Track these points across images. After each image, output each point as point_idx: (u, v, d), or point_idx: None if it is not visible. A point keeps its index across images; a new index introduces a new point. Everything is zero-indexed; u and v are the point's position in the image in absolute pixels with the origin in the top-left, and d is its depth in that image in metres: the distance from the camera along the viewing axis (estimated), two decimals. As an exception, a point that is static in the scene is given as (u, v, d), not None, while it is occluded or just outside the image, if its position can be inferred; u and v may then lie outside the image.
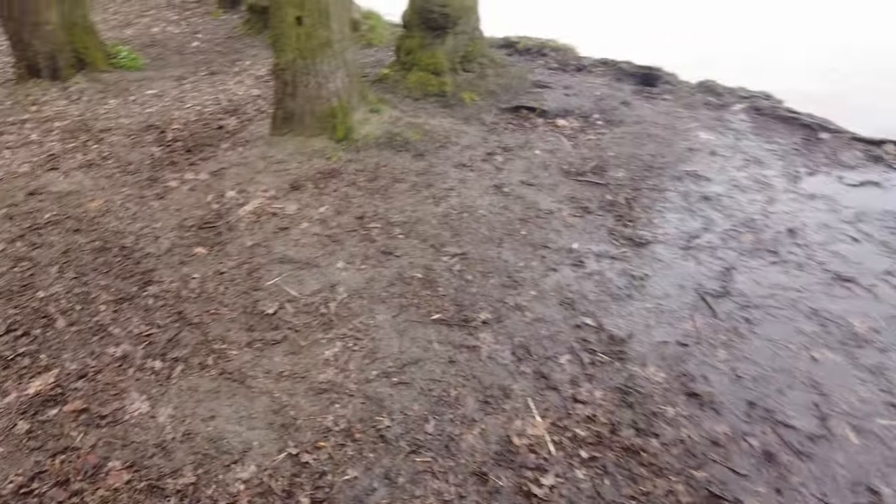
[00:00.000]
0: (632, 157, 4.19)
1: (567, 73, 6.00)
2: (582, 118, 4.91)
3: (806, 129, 4.77)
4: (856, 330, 2.74)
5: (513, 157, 4.22)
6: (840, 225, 3.53)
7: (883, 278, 3.08)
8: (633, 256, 3.20)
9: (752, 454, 2.18)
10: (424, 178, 3.93)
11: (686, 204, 3.68)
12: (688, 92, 5.47)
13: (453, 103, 4.98)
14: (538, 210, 3.59)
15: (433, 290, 2.95)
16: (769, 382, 2.47)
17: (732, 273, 3.08)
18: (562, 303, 2.87)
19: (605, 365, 2.53)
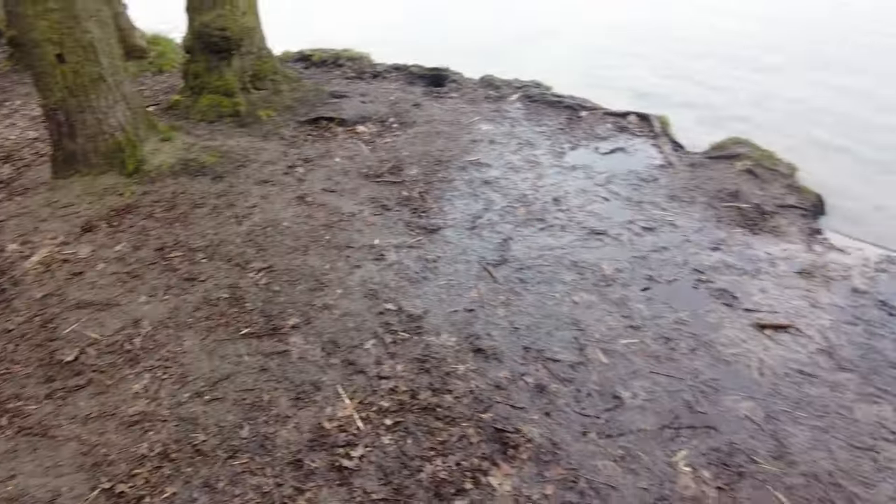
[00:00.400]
0: (424, 155, 4.60)
1: (364, 80, 6.30)
2: (379, 123, 5.23)
3: (569, 109, 5.53)
4: (605, 273, 3.34)
5: (314, 168, 4.41)
6: (595, 188, 4.21)
7: (626, 227, 3.77)
8: (427, 243, 3.57)
9: (528, 389, 2.62)
10: (225, 200, 3.98)
11: (470, 190, 4.14)
12: (472, 88, 6.05)
13: (250, 122, 5.04)
14: (341, 214, 3.83)
15: (241, 306, 3.06)
16: (540, 328, 2.95)
17: (509, 243, 3.57)
18: (366, 295, 3.14)
19: (406, 341, 2.84)
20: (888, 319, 3.08)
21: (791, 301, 3.17)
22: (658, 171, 4.45)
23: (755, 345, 2.87)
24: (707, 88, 6.64)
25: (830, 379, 2.69)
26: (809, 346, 2.88)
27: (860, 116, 5.86)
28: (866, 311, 3.14)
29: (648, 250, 3.53)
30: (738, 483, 2.21)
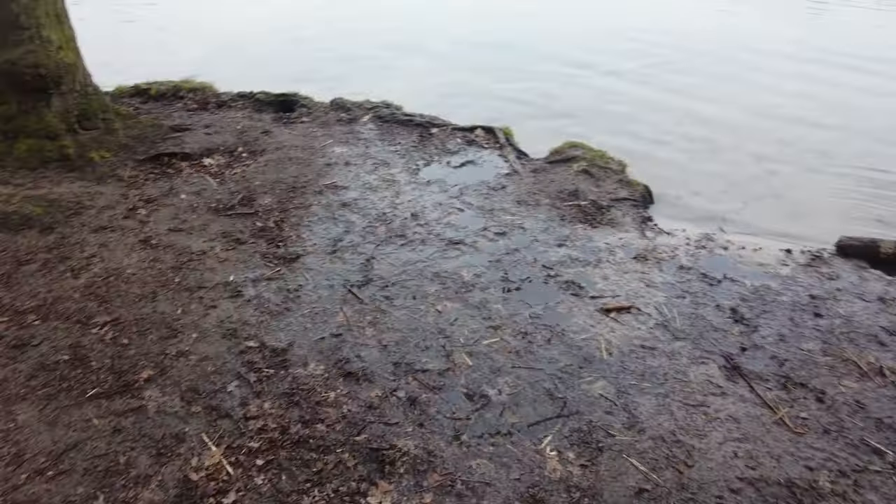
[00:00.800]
0: (276, 183, 4.51)
1: (208, 111, 6.06)
2: (227, 154, 5.05)
3: (420, 127, 5.71)
4: (465, 279, 3.49)
5: (158, 208, 4.16)
6: (449, 201, 4.38)
7: (481, 234, 3.96)
8: (286, 273, 3.50)
9: (400, 404, 2.66)
10: (58, 253, 3.63)
11: (329, 213, 4.13)
12: (322, 111, 6.04)
13: (81, 165, 4.63)
14: (190, 254, 3.64)
15: (85, 367, 2.80)
16: (408, 342, 3.01)
17: (372, 263, 3.61)
18: (224, 335, 3.02)
19: (271, 378, 2.77)
20: (709, 289, 3.52)
21: (630, 284, 3.52)
22: (505, 179, 4.73)
23: (602, 328, 3.14)
24: (544, 97, 7.18)
25: (668, 349, 3.02)
26: (648, 322, 3.21)
27: (678, 115, 6.65)
28: (692, 284, 3.56)
29: (502, 254, 3.74)
30: (598, 458, 2.41)
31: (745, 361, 2.95)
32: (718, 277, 3.63)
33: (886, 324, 3.28)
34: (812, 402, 2.72)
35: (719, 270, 3.72)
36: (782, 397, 2.73)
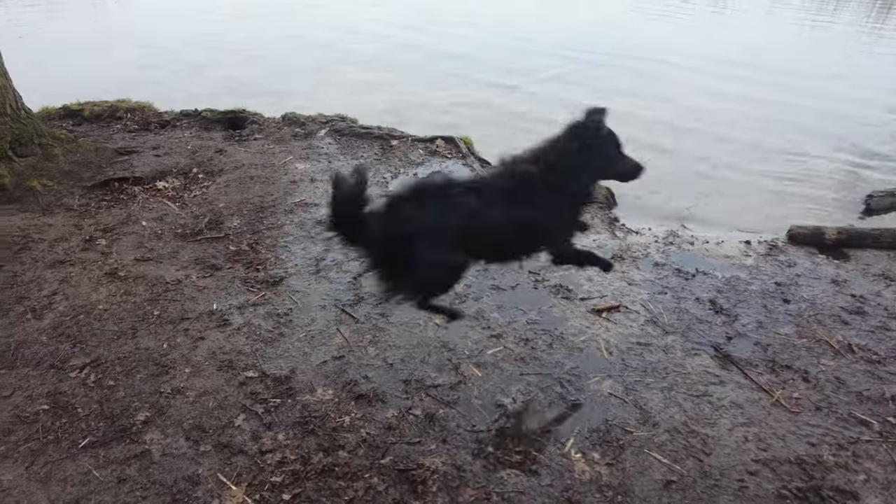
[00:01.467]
0: (242, 203, 4.34)
1: (151, 132, 5.76)
2: (182, 176, 4.82)
3: (380, 139, 5.67)
4: (457, 290, 3.49)
5: (118, 237, 3.90)
6: (424, 212, 4.35)
7: (462, 244, 3.97)
8: (272, 297, 3.37)
9: (418, 422, 2.62)
10: (13, 293, 3.33)
11: (304, 232, 4.02)
12: (275, 127, 5.87)
13: (21, 195, 4.28)
14: (165, 284, 3.44)
15: (71, 414, 2.59)
16: (414, 358, 2.97)
17: (360, 280, 3.54)
18: (220, 367, 2.87)
19: (280, 407, 2.66)
20: (685, 283, 3.70)
21: (613, 284, 3.64)
22: (475, 186, 4.76)
23: (598, 328, 3.23)
24: (485, 105, 7.31)
25: (661, 343, 3.14)
26: (638, 319, 3.33)
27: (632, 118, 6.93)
28: (669, 279, 3.72)
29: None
30: (622, 455, 2.48)
31: (734, 350, 3.12)
32: (692, 272, 3.82)
33: (844, 304, 3.56)
34: (800, 381, 2.91)
35: (691, 265, 3.91)
36: (773, 380, 2.91)
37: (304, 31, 11.35)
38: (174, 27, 11.49)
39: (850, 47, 12.19)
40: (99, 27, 11.55)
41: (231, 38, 10.69)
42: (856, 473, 2.42)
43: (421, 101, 7.41)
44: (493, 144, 5.81)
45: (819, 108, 7.64)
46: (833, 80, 9.12)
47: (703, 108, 7.50)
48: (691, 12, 15.59)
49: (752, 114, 7.39)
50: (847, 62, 10.65)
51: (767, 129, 6.85)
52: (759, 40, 12.08)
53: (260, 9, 13.64)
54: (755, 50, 10.90)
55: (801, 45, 12.28)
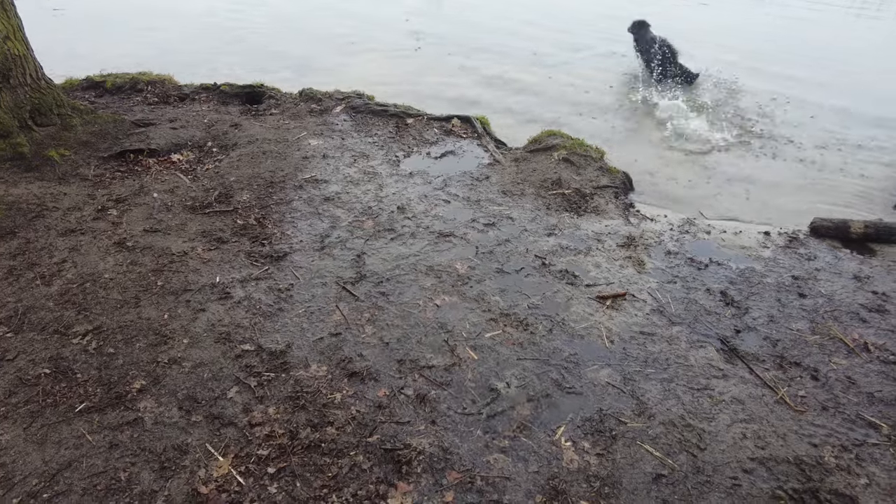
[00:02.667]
0: (253, 178, 4.35)
1: (170, 105, 5.79)
2: (196, 149, 4.84)
3: (395, 117, 5.61)
4: (460, 272, 3.45)
5: (129, 207, 3.94)
6: (435, 193, 4.31)
7: (470, 226, 3.92)
8: (275, 272, 3.38)
9: (409, 402, 2.60)
10: (24, 259, 3.40)
11: (312, 209, 4.01)
12: (292, 102, 5.86)
13: (39, 164, 4.35)
14: (171, 255, 3.47)
15: (70, 380, 2.64)
16: (410, 338, 2.95)
17: (363, 258, 3.52)
18: (218, 339, 2.89)
19: (273, 381, 2.67)
20: (697, 273, 3.59)
21: (622, 271, 3.55)
22: (488, 169, 4.70)
23: (601, 316, 3.16)
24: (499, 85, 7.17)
25: (666, 334, 3.06)
26: (644, 308, 3.24)
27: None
28: (680, 269, 3.62)
29: (493, 245, 3.71)
30: (613, 446, 2.42)
31: (741, 343, 3.02)
32: (705, 262, 3.71)
33: (864, 301, 3.42)
34: (808, 380, 2.80)
35: (705, 254, 3.80)
36: (780, 377, 2.81)
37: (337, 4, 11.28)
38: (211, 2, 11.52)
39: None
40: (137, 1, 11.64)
41: (263, 11, 10.68)
42: (857, 477, 2.33)
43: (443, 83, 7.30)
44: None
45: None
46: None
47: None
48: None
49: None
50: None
51: (815, 117, 6.57)
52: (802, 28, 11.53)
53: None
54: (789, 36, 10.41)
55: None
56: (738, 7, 13.45)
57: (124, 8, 10.77)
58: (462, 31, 9.74)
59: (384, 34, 9.42)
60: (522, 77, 7.45)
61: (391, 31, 9.64)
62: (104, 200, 4.01)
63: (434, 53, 8.39)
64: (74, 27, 9.27)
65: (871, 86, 7.82)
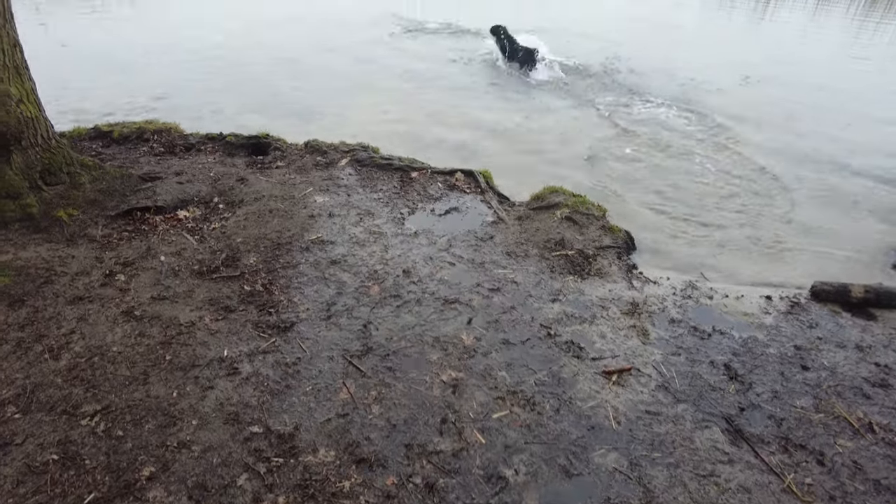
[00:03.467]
0: (260, 239, 4.39)
1: (176, 156, 5.86)
2: (203, 205, 4.89)
3: (400, 171, 5.68)
4: (466, 344, 3.47)
5: (137, 272, 3.97)
6: (439, 254, 4.36)
7: (475, 291, 3.95)
8: (282, 344, 3.40)
9: (418, 491, 2.61)
10: (32, 330, 3.41)
11: (318, 273, 4.04)
12: (298, 155, 5.93)
13: (47, 225, 4.39)
14: (179, 326, 3.49)
15: (78, 466, 2.64)
16: (417, 419, 2.96)
17: (370, 328, 3.55)
18: (227, 420, 2.89)
19: (282, 467, 2.67)
20: (701, 343, 3.62)
21: (626, 342, 3.58)
22: (491, 227, 4.75)
23: (607, 393, 3.18)
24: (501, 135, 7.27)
25: (671, 413, 3.08)
26: (650, 384, 3.27)
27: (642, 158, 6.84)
28: (684, 339, 3.65)
29: (499, 313, 3.75)
30: (622, 541, 2.43)
31: (746, 423, 3.04)
32: (708, 330, 3.74)
33: (867, 374, 3.45)
34: (814, 464, 2.82)
35: (708, 322, 3.83)
36: (786, 462, 2.82)
37: (340, 44, 11.47)
38: (215, 37, 11.71)
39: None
40: (140, 37, 11.82)
41: (266, 49, 10.86)
42: (867, 576, 2.33)
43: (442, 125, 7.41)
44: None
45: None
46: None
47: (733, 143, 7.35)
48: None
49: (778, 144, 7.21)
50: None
51: (800, 161, 6.67)
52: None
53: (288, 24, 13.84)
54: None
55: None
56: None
57: (126, 44, 10.94)
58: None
59: (383, 75, 9.58)
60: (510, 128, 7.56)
61: (389, 73, 9.81)
62: (112, 264, 4.04)
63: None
64: (81, 64, 9.40)
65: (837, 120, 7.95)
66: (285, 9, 15.46)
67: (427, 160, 5.98)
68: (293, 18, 14.32)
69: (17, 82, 4.40)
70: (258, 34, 12.38)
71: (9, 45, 4.27)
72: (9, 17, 4.29)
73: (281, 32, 12.64)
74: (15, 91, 4.37)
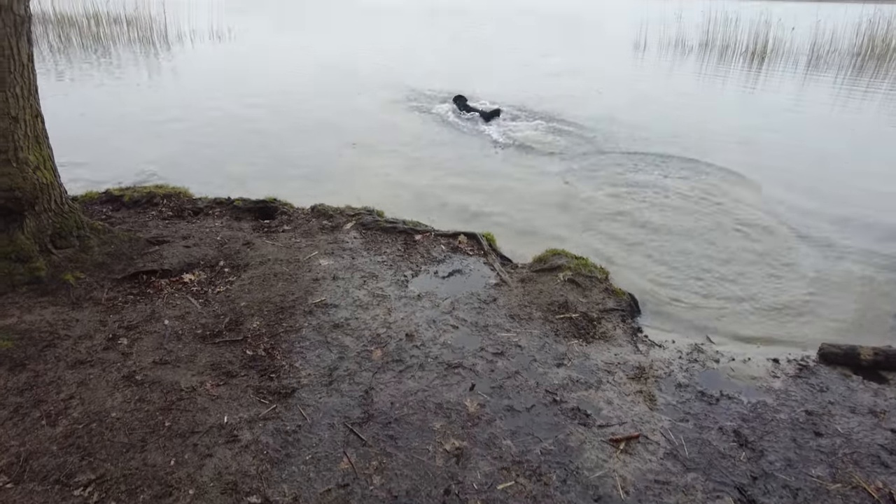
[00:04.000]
0: (264, 303, 4.40)
1: (184, 220, 5.96)
2: (208, 269, 4.93)
3: (404, 234, 5.75)
4: (470, 411, 3.41)
5: (140, 336, 3.97)
6: (443, 317, 4.35)
7: (479, 356, 3.92)
8: (283, 410, 3.35)
9: (419, 568, 2.50)
10: (31, 395, 3.38)
11: (321, 337, 4.03)
12: (304, 219, 6.03)
13: (54, 288, 4.43)
14: (180, 391, 3.46)
15: (68, 540, 2.56)
16: (419, 491, 2.87)
17: (371, 394, 3.50)
18: (224, 490, 2.82)
19: (279, 542, 2.58)
20: (709, 409, 3.54)
21: (633, 408, 3.51)
22: (495, 290, 4.76)
23: (615, 462, 3.09)
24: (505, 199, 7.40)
25: (681, 482, 2.98)
26: (658, 451, 3.18)
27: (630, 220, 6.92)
28: (692, 404, 3.58)
29: (503, 378, 3.70)
30: None
31: (759, 493, 2.93)
32: (716, 395, 3.67)
33: (884, 441, 3.35)
34: (833, 539, 2.70)
35: (715, 387, 3.77)
36: (804, 536, 2.71)
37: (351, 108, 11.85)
38: (227, 104, 12.14)
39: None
40: (156, 102, 12.28)
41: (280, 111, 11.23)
42: None
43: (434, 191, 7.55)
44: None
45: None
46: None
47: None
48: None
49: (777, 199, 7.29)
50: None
51: (800, 221, 6.72)
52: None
53: (295, 92, 14.37)
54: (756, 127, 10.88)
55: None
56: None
57: (142, 111, 11.34)
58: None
59: (393, 137, 9.85)
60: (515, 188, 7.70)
61: (399, 133, 10.09)
62: (115, 327, 4.04)
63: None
64: (98, 130, 9.72)
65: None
66: (302, 80, 16.12)
67: (431, 222, 6.07)
68: (309, 93, 14.88)
69: (36, 150, 4.55)
70: (265, 102, 12.84)
71: (31, 116, 4.44)
72: (33, 91, 4.48)
73: (290, 100, 13.11)
74: (33, 158, 4.51)
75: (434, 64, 19.82)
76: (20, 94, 4.32)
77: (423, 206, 6.93)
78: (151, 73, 16.21)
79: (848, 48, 23.80)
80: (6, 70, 4.20)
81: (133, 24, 24.68)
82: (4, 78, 4.20)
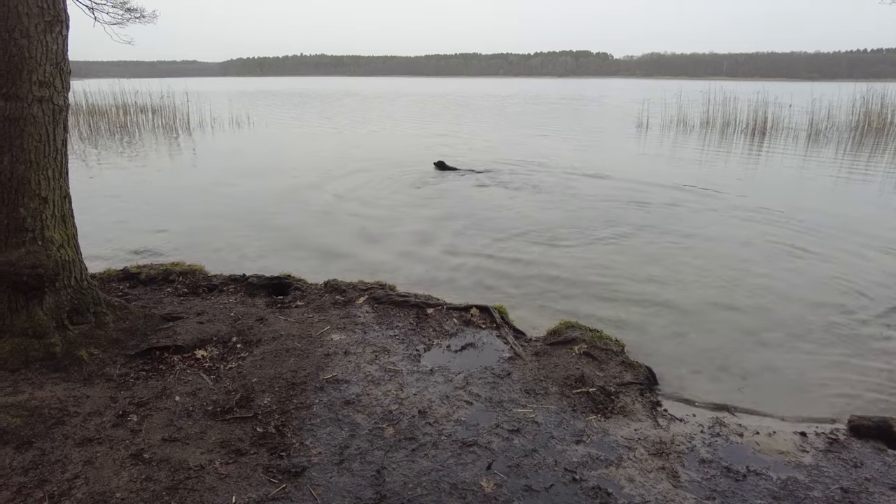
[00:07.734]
0: (275, 379, 4.36)
1: (199, 296, 6.02)
2: (221, 345, 4.93)
3: (416, 308, 5.74)
4: (486, 492, 3.27)
5: (150, 413, 3.92)
6: (456, 392, 4.26)
7: (494, 433, 3.80)
8: (292, 490, 3.23)
9: None
10: (36, 474, 3.31)
11: (332, 414, 3.95)
12: (317, 294, 6.06)
13: (67, 364, 4.43)
14: (188, 470, 3.37)
15: None
16: (434, 576, 2.72)
17: (383, 474, 3.38)
18: (228, 577, 2.69)
19: None
20: (736, 486, 3.38)
21: (656, 486, 3.35)
22: (509, 364, 4.69)
23: (640, 545, 2.92)
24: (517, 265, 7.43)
25: (712, 568, 2.80)
26: (685, 534, 3.01)
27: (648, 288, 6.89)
28: (718, 481, 3.41)
29: (520, 456, 3.57)
30: None
31: (798, 580, 2.74)
32: (743, 471, 3.51)
33: (927, 521, 3.15)
34: None
35: (741, 462, 3.61)
36: None
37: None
38: (257, 184, 12.54)
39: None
40: (176, 184, 12.72)
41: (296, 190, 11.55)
42: None
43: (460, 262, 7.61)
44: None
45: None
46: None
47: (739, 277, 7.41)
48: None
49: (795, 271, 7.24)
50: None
51: (817, 293, 6.64)
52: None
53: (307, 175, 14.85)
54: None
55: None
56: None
57: (163, 191, 11.72)
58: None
59: (403, 222, 10.05)
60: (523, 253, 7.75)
61: (410, 220, 10.29)
62: (126, 404, 4.00)
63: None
64: (121, 210, 10.03)
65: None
66: (310, 169, 16.69)
67: (443, 296, 6.08)
68: (317, 177, 15.38)
69: (62, 229, 4.69)
70: (273, 183, 13.26)
71: (59, 197, 4.62)
72: (64, 173, 4.68)
73: (304, 181, 13.54)
74: (58, 237, 4.64)
75: (427, 154, 20.49)
76: (52, 176, 4.52)
77: (436, 280, 6.97)
78: (174, 156, 16.91)
79: (846, 122, 24.41)
80: (41, 154, 4.42)
81: (158, 112, 26.01)
82: (39, 161, 4.41)
